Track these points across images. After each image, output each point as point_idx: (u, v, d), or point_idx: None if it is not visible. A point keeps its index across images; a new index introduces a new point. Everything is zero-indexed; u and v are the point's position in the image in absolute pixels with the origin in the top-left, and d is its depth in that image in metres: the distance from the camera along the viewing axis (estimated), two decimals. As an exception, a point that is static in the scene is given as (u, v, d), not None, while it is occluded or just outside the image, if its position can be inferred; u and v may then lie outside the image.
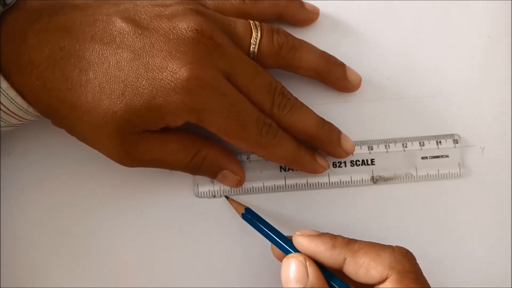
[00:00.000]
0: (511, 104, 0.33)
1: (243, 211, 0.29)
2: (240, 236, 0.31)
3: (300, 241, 0.26)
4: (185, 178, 0.31)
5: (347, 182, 0.31)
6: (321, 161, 0.30)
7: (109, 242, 0.31)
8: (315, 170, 0.30)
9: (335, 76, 0.31)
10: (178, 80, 0.25)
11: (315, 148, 0.31)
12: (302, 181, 0.31)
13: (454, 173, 0.32)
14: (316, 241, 0.26)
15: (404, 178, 0.32)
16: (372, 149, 0.32)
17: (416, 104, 0.33)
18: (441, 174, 0.32)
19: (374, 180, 0.32)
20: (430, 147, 0.32)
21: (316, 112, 0.29)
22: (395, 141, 0.32)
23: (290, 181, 0.31)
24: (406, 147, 0.32)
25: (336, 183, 0.31)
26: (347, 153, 0.31)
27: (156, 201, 0.31)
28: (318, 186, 0.31)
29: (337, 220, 0.32)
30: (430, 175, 0.32)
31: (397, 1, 0.34)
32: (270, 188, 0.31)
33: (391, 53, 0.33)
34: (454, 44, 0.34)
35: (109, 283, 0.30)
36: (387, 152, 0.32)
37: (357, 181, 0.32)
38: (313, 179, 0.31)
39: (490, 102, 0.33)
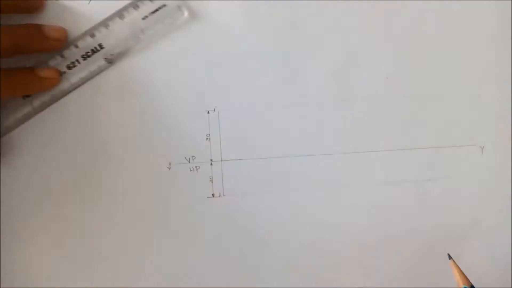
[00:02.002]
0: (511, 104, 0.33)
1: None
2: (240, 235, 0.32)
3: None
4: (185, 177, 0.32)
5: (87, 77, 0.32)
6: (44, 72, 0.30)
7: (109, 241, 0.32)
8: (44, 86, 0.30)
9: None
10: None
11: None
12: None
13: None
14: None
15: (136, 46, 0.32)
16: (95, 36, 0.32)
17: (416, 104, 0.33)
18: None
19: (109, 61, 0.32)
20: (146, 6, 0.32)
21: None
22: (112, 18, 0.32)
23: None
24: (124, 17, 0.32)
25: (78, 84, 0.32)
26: (60, 39, 0.29)
27: (156, 200, 0.32)
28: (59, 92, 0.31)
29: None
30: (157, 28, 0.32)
31: (398, 0, 0.33)
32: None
33: (390, 52, 0.33)
34: (454, 43, 0.33)
35: (109, 283, 0.32)
36: (109, 31, 0.32)
37: (95, 71, 0.32)
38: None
39: (490, 102, 0.33)
